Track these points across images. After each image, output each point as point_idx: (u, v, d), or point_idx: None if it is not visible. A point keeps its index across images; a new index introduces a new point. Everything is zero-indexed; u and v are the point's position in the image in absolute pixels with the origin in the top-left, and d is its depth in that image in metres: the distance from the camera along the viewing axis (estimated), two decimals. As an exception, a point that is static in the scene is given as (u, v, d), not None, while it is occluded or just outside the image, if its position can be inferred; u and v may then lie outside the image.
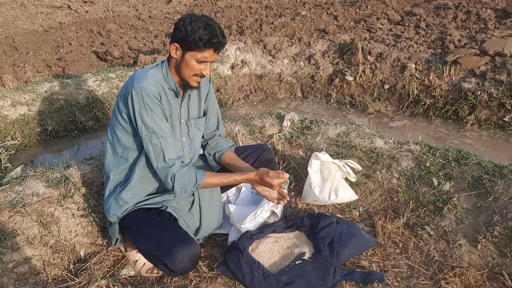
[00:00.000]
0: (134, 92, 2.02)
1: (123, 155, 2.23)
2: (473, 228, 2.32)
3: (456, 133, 4.13)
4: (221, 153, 2.48)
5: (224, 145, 2.52)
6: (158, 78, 2.11)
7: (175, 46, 2.05)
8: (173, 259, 1.96)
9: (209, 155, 2.55)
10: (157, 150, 2.05)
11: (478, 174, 2.54)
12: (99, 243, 2.62)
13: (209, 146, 2.55)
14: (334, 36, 5.81)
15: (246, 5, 8.83)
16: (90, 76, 4.99)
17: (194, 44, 1.98)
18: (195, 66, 2.05)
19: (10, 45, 6.94)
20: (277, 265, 2.25)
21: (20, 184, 2.61)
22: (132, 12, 9.42)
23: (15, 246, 2.29)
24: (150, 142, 2.05)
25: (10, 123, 4.23)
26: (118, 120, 2.15)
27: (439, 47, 5.01)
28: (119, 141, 2.19)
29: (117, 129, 2.18)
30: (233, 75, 5.53)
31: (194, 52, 2.01)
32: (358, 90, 5.02)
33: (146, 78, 2.06)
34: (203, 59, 2.03)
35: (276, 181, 2.08)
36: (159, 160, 2.06)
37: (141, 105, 2.02)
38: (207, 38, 1.96)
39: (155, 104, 2.05)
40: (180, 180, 2.05)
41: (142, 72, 2.13)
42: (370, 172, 2.92)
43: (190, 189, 2.08)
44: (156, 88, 2.07)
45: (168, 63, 2.15)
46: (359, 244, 2.37)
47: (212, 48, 2.01)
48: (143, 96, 2.01)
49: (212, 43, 1.98)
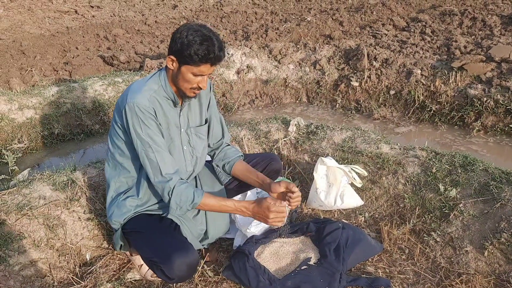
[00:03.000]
0: (127, 108, 2.00)
1: (124, 164, 2.22)
2: (480, 235, 2.31)
3: (462, 139, 4.12)
4: (231, 165, 2.43)
5: (232, 156, 2.45)
6: (154, 90, 2.08)
7: (171, 59, 2.00)
8: (170, 266, 1.94)
9: (217, 167, 2.50)
10: (153, 164, 2.03)
11: (485, 180, 2.53)
12: (105, 247, 2.63)
13: (217, 158, 2.50)
14: (339, 41, 5.82)
15: (252, 11, 8.87)
16: (96, 80, 5.02)
17: (190, 58, 1.92)
18: (192, 80, 2.00)
19: (18, 49, 6.99)
20: (283, 270, 2.24)
21: (27, 187, 2.62)
22: (138, 17, 9.48)
23: (21, 249, 2.30)
24: (146, 157, 2.03)
25: (17, 126, 4.26)
26: (116, 130, 2.15)
27: (445, 53, 5.01)
28: (120, 150, 2.19)
29: (116, 139, 2.18)
30: (238, 80, 5.55)
31: (190, 66, 1.95)
32: (363, 96, 5.02)
33: (140, 93, 2.03)
34: (199, 73, 1.98)
35: (272, 214, 2.01)
36: (156, 174, 2.03)
37: (135, 120, 2.00)
38: (203, 54, 1.89)
39: (148, 119, 2.02)
40: (177, 197, 2.02)
41: (138, 84, 2.10)
42: (376, 178, 2.91)
43: (185, 207, 2.04)
44: (150, 103, 2.03)
45: (166, 72, 2.12)
46: (365, 249, 2.36)
47: (209, 63, 1.95)
48: (137, 112, 1.99)
49: (208, 58, 1.92)
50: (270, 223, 2.04)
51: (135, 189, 2.24)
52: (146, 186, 2.21)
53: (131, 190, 2.25)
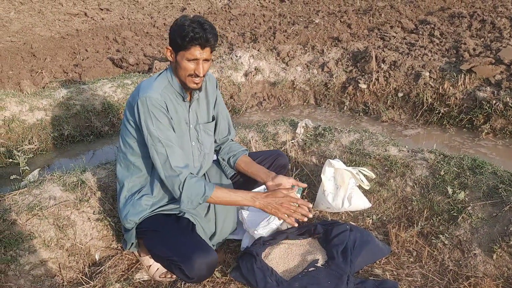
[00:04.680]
0: (139, 102, 2.04)
1: (136, 162, 2.25)
2: (488, 238, 2.30)
3: (471, 142, 4.10)
4: (236, 158, 2.49)
5: (237, 149, 2.53)
6: (164, 86, 2.13)
7: (169, 50, 2.08)
8: (191, 266, 1.96)
9: (223, 160, 2.57)
10: (162, 158, 2.05)
11: (494, 183, 2.51)
12: (114, 247, 2.65)
13: (222, 151, 2.57)
14: (347, 44, 5.82)
15: (259, 13, 8.89)
16: (106, 82, 5.06)
17: (181, 43, 1.98)
18: (188, 66, 2.04)
19: (28, 51, 7.08)
20: (290, 272, 2.25)
21: (38, 187, 2.66)
22: (147, 19, 9.54)
23: (32, 249, 2.33)
24: (155, 151, 2.06)
25: (28, 127, 4.31)
26: (127, 129, 2.18)
27: (454, 55, 4.98)
28: (131, 149, 2.22)
29: (128, 138, 2.21)
30: (246, 82, 5.57)
31: (183, 51, 2.01)
32: (371, 98, 5.01)
33: (151, 88, 2.08)
34: (192, 57, 2.01)
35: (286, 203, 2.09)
36: (165, 169, 2.06)
37: (147, 115, 2.04)
38: (190, 35, 1.94)
39: (160, 113, 2.06)
40: (188, 190, 2.04)
41: (148, 81, 2.15)
42: (383, 180, 2.91)
43: (197, 200, 2.06)
44: (162, 97, 2.08)
45: (171, 67, 2.19)
46: (372, 252, 2.36)
47: (198, 45, 1.98)
48: (149, 106, 2.03)
49: (195, 38, 1.95)
50: (282, 213, 2.09)
51: (149, 187, 2.26)
52: (159, 183, 2.24)
53: (145, 188, 2.27)
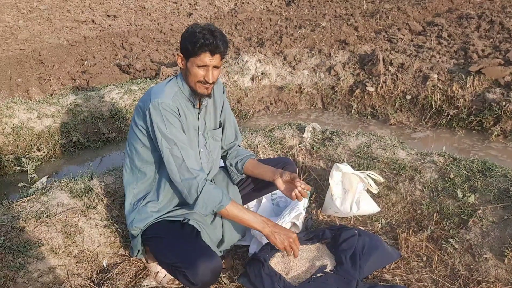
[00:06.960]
0: (151, 107, 2.05)
1: (142, 168, 2.25)
2: (499, 242, 2.26)
3: (481, 144, 4.05)
4: (243, 162, 2.49)
5: (244, 153, 2.53)
6: (175, 92, 2.15)
7: (179, 56, 2.11)
8: (195, 272, 1.95)
9: (230, 165, 2.56)
10: (178, 161, 2.05)
11: (504, 186, 2.48)
12: (122, 253, 2.65)
13: (230, 156, 2.57)
14: (354, 47, 5.80)
15: (266, 17, 8.89)
16: (113, 89, 5.09)
17: (191, 49, 2.00)
18: (197, 73, 2.06)
19: (37, 58, 7.13)
20: (299, 278, 2.23)
21: (46, 194, 2.67)
22: (154, 25, 9.59)
23: (40, 256, 2.34)
24: (171, 154, 2.06)
25: (36, 134, 4.34)
26: (136, 134, 2.19)
27: (462, 57, 4.94)
28: (138, 155, 2.22)
29: (136, 143, 2.21)
30: (253, 87, 5.57)
31: (193, 58, 2.03)
32: (379, 101, 4.98)
33: (163, 93, 2.09)
34: (202, 63, 2.03)
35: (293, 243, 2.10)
36: (181, 172, 2.05)
37: (160, 119, 2.05)
38: (200, 41, 1.96)
39: (173, 117, 2.07)
40: (205, 195, 2.04)
41: (158, 87, 2.17)
42: (392, 184, 2.88)
43: (211, 207, 2.06)
44: (173, 102, 2.10)
45: (181, 74, 2.20)
46: (381, 257, 2.33)
47: (208, 51, 2.00)
48: (161, 110, 2.04)
49: (205, 45, 1.97)
50: (282, 245, 2.07)
51: (154, 193, 2.26)
52: (166, 189, 2.24)
53: (150, 194, 2.27)
